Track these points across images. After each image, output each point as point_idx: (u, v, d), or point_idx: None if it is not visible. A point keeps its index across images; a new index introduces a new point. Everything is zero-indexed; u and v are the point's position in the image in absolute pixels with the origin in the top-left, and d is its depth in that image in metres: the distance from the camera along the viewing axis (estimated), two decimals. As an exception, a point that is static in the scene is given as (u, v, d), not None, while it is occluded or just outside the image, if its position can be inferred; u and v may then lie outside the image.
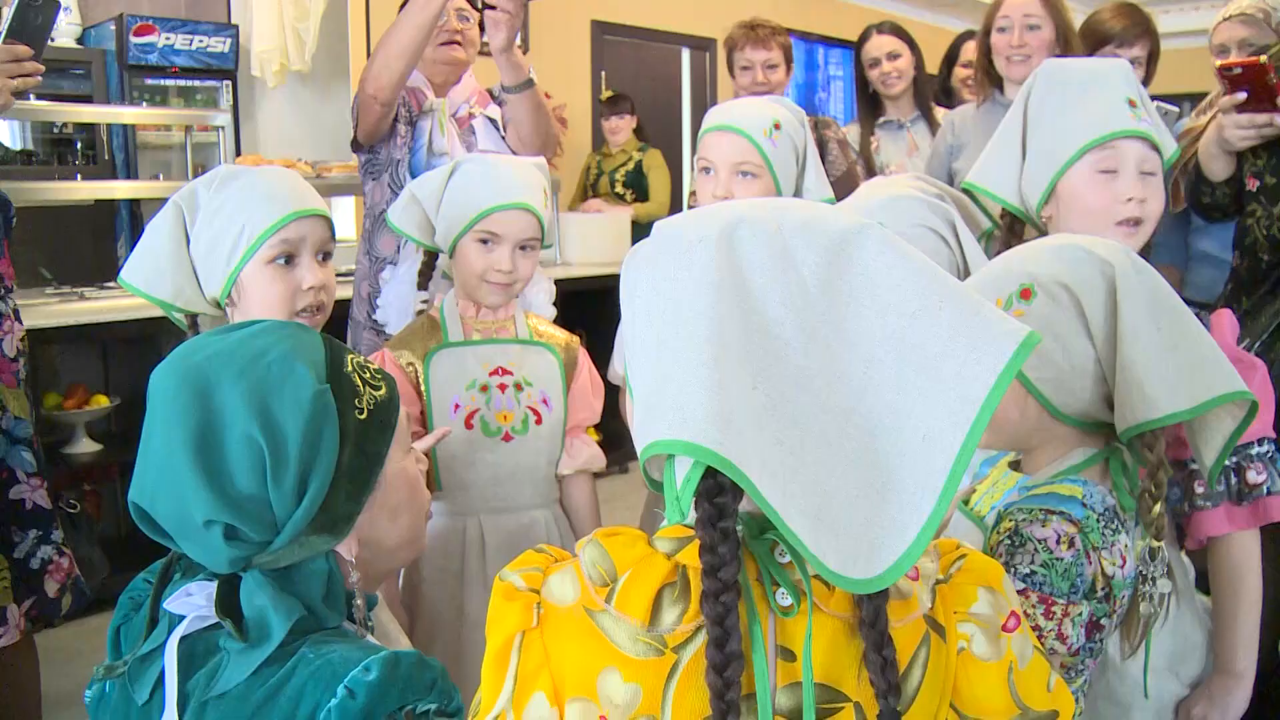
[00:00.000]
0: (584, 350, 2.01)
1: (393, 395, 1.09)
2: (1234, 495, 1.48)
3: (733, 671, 0.75)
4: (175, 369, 1.01)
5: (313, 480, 0.98)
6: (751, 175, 1.93)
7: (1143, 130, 1.62)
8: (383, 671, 0.92)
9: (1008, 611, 0.87)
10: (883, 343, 0.77)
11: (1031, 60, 2.80)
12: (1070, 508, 1.15)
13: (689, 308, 0.77)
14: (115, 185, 4.05)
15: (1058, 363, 1.22)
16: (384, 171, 2.64)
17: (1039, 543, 1.13)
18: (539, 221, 1.86)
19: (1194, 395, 1.17)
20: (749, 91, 3.32)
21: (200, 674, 0.98)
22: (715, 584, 0.76)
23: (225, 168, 1.62)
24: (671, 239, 0.82)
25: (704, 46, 6.85)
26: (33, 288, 3.82)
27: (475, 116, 2.72)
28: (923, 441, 0.75)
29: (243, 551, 0.98)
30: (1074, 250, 1.24)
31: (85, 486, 3.77)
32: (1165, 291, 1.22)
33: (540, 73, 5.68)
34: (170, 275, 1.58)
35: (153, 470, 1.00)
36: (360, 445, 1.02)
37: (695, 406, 0.73)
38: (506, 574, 0.86)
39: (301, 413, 0.98)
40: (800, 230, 0.80)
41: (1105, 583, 1.15)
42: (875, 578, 0.74)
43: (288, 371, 1.00)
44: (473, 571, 1.86)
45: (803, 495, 0.74)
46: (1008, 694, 0.86)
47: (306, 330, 1.08)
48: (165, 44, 4.13)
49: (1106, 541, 1.15)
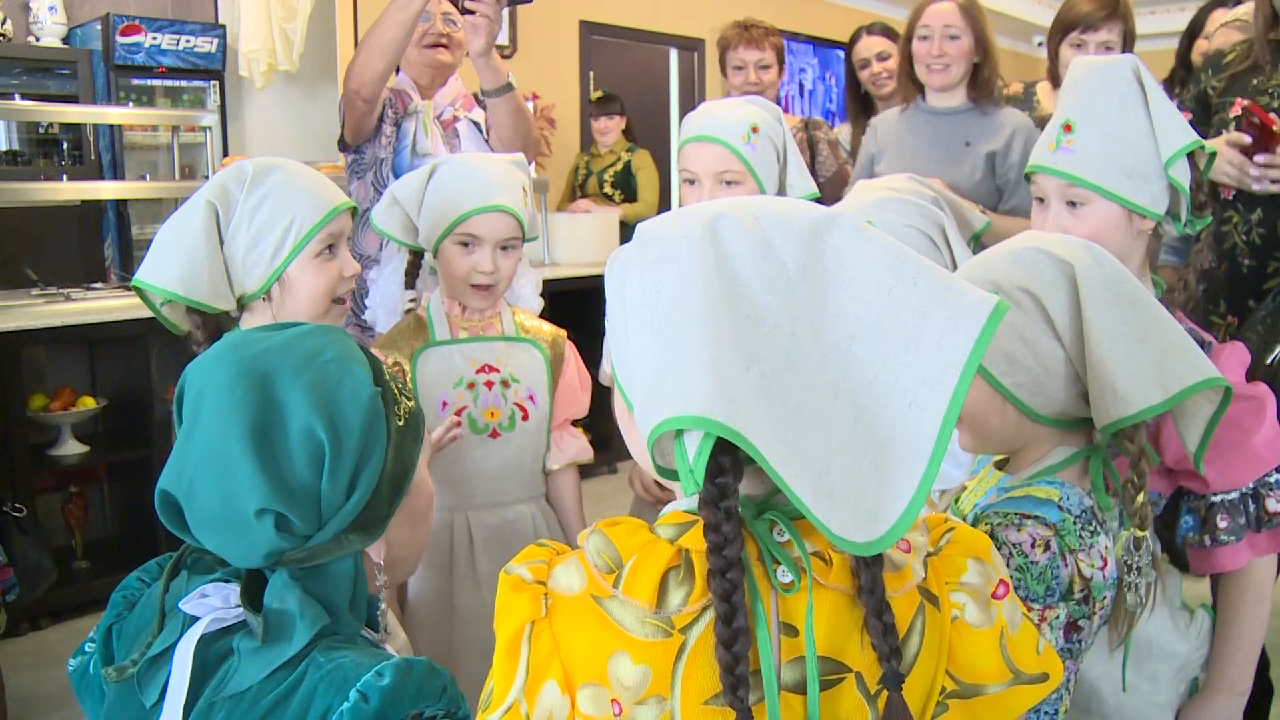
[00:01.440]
0: (571, 344, 2.02)
1: (419, 406, 1.12)
2: (1254, 523, 1.48)
3: (741, 645, 0.78)
4: (228, 360, 1.01)
5: (362, 478, 1.00)
6: (735, 182, 1.95)
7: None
8: (396, 677, 0.92)
9: (996, 580, 0.91)
10: (863, 320, 0.80)
11: (951, 69, 2.85)
12: (1046, 511, 1.16)
13: (680, 298, 0.80)
14: (102, 186, 4.03)
15: (1029, 366, 1.21)
16: (369, 171, 2.67)
17: (1014, 547, 1.14)
18: (518, 221, 1.88)
19: (1166, 387, 1.17)
20: (741, 91, 3.34)
21: (215, 678, 0.98)
22: (721, 561, 0.79)
23: (251, 163, 1.61)
24: (656, 238, 0.85)
25: (692, 47, 6.86)
26: (19, 289, 3.81)
27: (460, 119, 2.76)
28: (910, 409, 0.78)
29: (286, 544, 0.98)
30: (1033, 253, 1.23)
31: (72, 488, 3.77)
32: (1130, 284, 1.21)
33: (529, 73, 5.70)
34: (208, 275, 1.55)
35: (196, 458, 0.99)
36: (399, 450, 1.05)
37: (698, 384, 0.75)
38: (512, 567, 0.89)
39: (361, 411, 1.00)
40: (777, 222, 0.83)
41: (1084, 585, 1.15)
42: (877, 540, 0.77)
43: (345, 371, 1.02)
44: (461, 566, 1.88)
45: (801, 468, 0.76)
46: (1000, 659, 0.90)
47: (348, 336, 1.10)
48: (152, 44, 4.11)
49: (1084, 544, 1.16)
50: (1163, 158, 1.48)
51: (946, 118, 2.93)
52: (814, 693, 0.82)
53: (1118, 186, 1.49)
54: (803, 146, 3.39)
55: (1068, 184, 1.53)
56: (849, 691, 0.84)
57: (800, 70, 8.01)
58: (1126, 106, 1.50)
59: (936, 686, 0.89)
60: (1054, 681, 0.94)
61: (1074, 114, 1.53)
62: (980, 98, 2.90)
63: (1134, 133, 1.49)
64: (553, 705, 0.84)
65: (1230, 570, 1.50)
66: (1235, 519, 1.48)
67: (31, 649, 3.34)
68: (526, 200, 1.91)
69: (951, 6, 2.86)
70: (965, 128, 2.89)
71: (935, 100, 2.95)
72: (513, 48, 5.63)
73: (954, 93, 2.91)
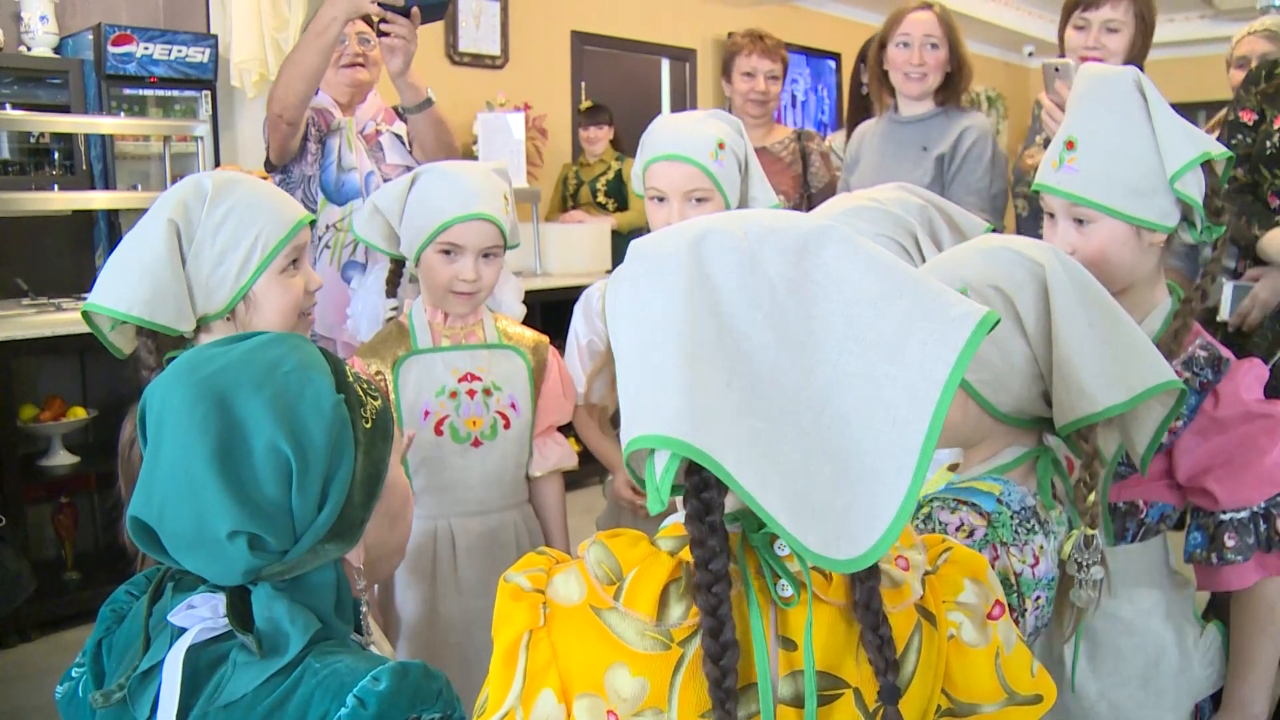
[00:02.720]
0: (554, 351, 2.03)
1: (387, 405, 1.11)
2: (1264, 543, 1.48)
3: (729, 659, 0.79)
4: (186, 381, 0.99)
5: (333, 488, 0.99)
6: (704, 199, 1.97)
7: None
8: (392, 682, 0.92)
9: (992, 600, 0.93)
10: (849, 335, 0.80)
11: (928, 79, 2.91)
12: (983, 501, 1.18)
13: (664, 314, 0.81)
14: (93, 196, 4.02)
15: (995, 364, 1.23)
16: (297, 188, 2.75)
17: (941, 525, 1.17)
18: (500, 229, 1.88)
19: (1130, 388, 1.18)
20: (744, 97, 3.41)
21: (208, 687, 0.97)
22: (707, 575, 0.79)
23: (210, 179, 1.55)
24: (646, 256, 0.86)
25: (684, 57, 6.87)
26: (9, 299, 3.80)
27: (382, 133, 2.87)
28: (893, 425, 0.78)
29: (262, 561, 0.98)
30: (1004, 253, 1.25)
31: (62, 499, 3.76)
32: (1095, 288, 1.22)
33: (520, 83, 5.71)
34: (173, 296, 1.49)
35: (164, 484, 0.98)
36: (369, 453, 1.04)
37: (669, 403, 0.76)
38: (511, 575, 0.90)
39: (325, 421, 0.99)
40: (765, 235, 0.83)
41: (1014, 580, 1.17)
42: (860, 556, 0.77)
43: (306, 381, 1.00)
44: (445, 573, 1.89)
45: (782, 484, 0.76)
46: (995, 679, 0.91)
47: (308, 342, 1.09)
48: (144, 54, 4.11)
49: (1018, 540, 1.18)
50: (1168, 172, 1.44)
51: (911, 125, 2.99)
52: (811, 707, 0.82)
53: (1123, 204, 1.46)
54: (795, 157, 3.42)
55: (1072, 203, 1.50)
56: (847, 707, 0.84)
57: (792, 81, 8.02)
58: (1129, 122, 1.46)
59: (933, 705, 0.90)
60: (1047, 703, 0.95)
61: (1076, 131, 1.50)
62: (948, 104, 2.95)
63: (1137, 149, 1.45)
64: (549, 714, 0.85)
65: (1236, 589, 1.50)
66: (1244, 538, 1.47)
67: (20, 661, 3.33)
68: (507, 208, 1.93)
69: (931, 16, 2.91)
70: (926, 134, 2.95)
71: (905, 108, 3.00)
72: (504, 57, 5.64)
73: (924, 101, 2.97)
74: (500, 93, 5.38)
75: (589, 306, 2.17)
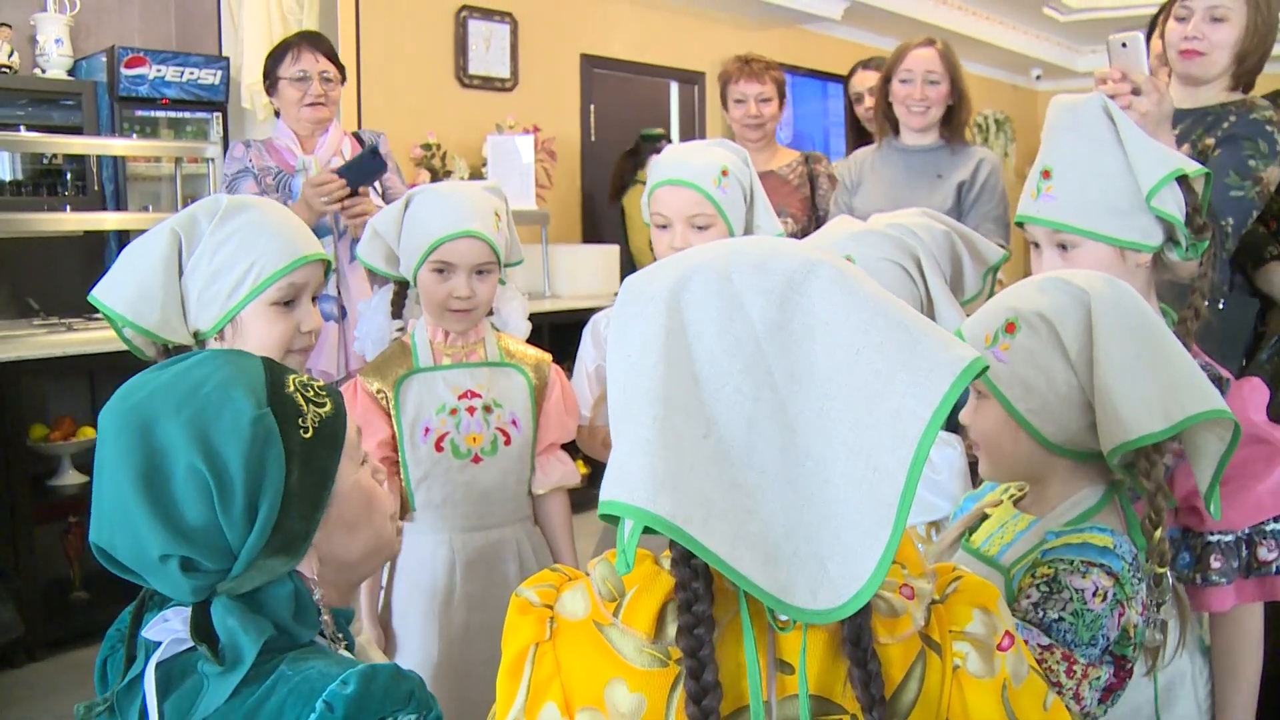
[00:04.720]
0: (557, 369, 2.05)
1: (339, 411, 1.08)
2: (1244, 568, 1.48)
3: (710, 700, 0.79)
4: (115, 409, 1.02)
5: (262, 504, 0.98)
6: (706, 226, 1.99)
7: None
8: (359, 685, 0.93)
9: (1002, 631, 0.90)
10: (833, 380, 0.80)
11: (930, 112, 3.02)
12: (1109, 560, 1.17)
13: (640, 363, 0.81)
14: (105, 216, 4.06)
15: (1043, 392, 1.23)
16: None
17: (1076, 593, 1.15)
18: (491, 246, 1.90)
19: (1169, 415, 1.18)
20: (740, 123, 3.44)
21: (178, 693, 0.99)
22: (689, 618, 0.80)
23: (227, 198, 1.56)
24: (635, 296, 0.86)
25: (693, 80, 6.90)
26: (20, 318, 3.82)
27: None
28: (874, 474, 0.78)
29: (204, 581, 0.99)
30: (1053, 281, 1.27)
31: (71, 519, 3.76)
32: (1147, 317, 1.23)
33: (529, 106, 5.73)
34: (160, 303, 1.50)
35: (106, 511, 1.00)
36: (308, 464, 1.02)
37: (634, 470, 0.77)
38: (522, 590, 0.92)
39: (241, 439, 0.98)
40: (751, 274, 0.83)
41: (1132, 633, 1.17)
42: (841, 606, 0.77)
43: (224, 399, 1.00)
44: (446, 588, 1.91)
45: (761, 534, 0.77)
46: (1002, 711, 0.88)
47: (246, 356, 1.08)
48: (156, 76, 4.15)
49: (1135, 590, 1.18)
50: (1143, 191, 1.47)
51: (920, 154, 3.09)
52: None
53: (1103, 226, 1.49)
54: (803, 180, 3.43)
55: (1054, 230, 1.53)
56: None
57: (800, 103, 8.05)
58: (1100, 146, 1.50)
59: None
60: None
61: (1050, 159, 1.54)
62: (953, 138, 3.07)
63: (1110, 170, 1.49)
64: None
65: (1217, 612, 1.50)
66: (1229, 560, 1.48)
67: (29, 680, 3.33)
68: (500, 225, 1.94)
69: (933, 53, 3.02)
70: (937, 162, 3.06)
71: (909, 139, 3.10)
72: (514, 80, 5.67)
73: (927, 133, 3.08)
74: (509, 115, 5.40)
75: (597, 332, 2.19)
